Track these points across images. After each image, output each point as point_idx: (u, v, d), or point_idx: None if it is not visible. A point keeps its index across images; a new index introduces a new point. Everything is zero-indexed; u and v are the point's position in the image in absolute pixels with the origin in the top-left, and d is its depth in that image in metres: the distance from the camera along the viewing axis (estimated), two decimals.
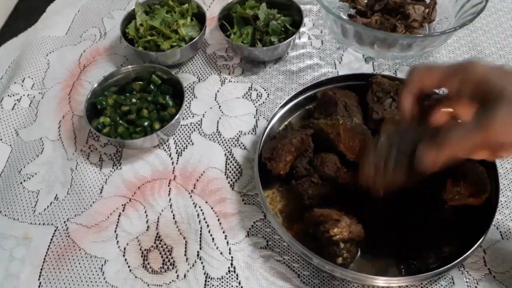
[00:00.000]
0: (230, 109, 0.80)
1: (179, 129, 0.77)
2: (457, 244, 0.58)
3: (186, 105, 0.81)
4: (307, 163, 0.66)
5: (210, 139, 0.76)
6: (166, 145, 0.75)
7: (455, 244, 0.58)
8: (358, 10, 0.89)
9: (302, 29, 0.88)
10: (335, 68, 0.84)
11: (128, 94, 0.78)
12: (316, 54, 0.87)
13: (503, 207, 0.67)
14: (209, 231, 0.65)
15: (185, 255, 0.64)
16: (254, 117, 0.79)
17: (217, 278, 0.61)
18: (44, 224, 0.68)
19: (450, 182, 0.60)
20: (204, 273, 0.62)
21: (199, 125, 0.78)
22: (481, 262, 0.61)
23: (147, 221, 0.67)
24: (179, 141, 0.76)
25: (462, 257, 0.55)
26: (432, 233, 0.59)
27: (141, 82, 0.79)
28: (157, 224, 0.67)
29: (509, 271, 0.61)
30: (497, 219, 0.65)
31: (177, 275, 0.62)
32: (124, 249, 0.65)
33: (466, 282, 0.60)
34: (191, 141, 0.76)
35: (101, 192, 0.71)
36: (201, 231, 0.65)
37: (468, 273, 0.61)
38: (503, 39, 0.88)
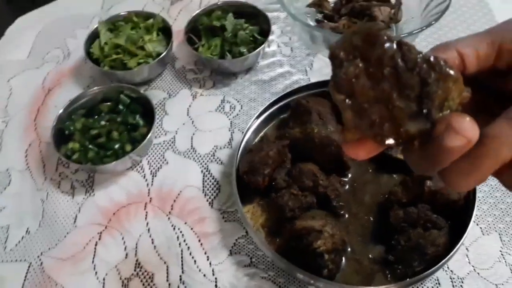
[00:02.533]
0: (203, 123, 0.78)
1: (152, 149, 0.75)
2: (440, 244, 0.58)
3: (157, 123, 0.79)
4: (285, 174, 0.65)
5: (185, 156, 0.74)
6: (140, 167, 0.73)
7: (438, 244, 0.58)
8: (325, 14, 0.88)
9: (270, 37, 0.88)
10: (306, 75, 0.84)
11: (96, 117, 0.75)
12: (287, 61, 0.86)
13: (481, 202, 0.67)
14: (190, 253, 0.63)
15: (167, 280, 0.62)
16: (229, 130, 0.77)
17: None
18: (16, 260, 0.65)
19: (428, 183, 0.60)
20: None
21: (172, 142, 0.76)
22: (465, 260, 0.62)
23: (125, 248, 0.65)
24: (152, 161, 0.74)
25: (446, 258, 0.55)
26: (415, 235, 0.59)
27: (109, 103, 0.77)
28: (136, 251, 0.64)
29: (492, 266, 0.61)
30: (476, 215, 0.66)
31: None
32: (104, 279, 0.62)
33: (452, 281, 0.60)
34: (165, 160, 0.74)
35: (75, 222, 0.68)
36: (182, 254, 0.64)
37: (452, 273, 0.61)
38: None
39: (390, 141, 0.28)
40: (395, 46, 0.27)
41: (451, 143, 0.25)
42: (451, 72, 0.27)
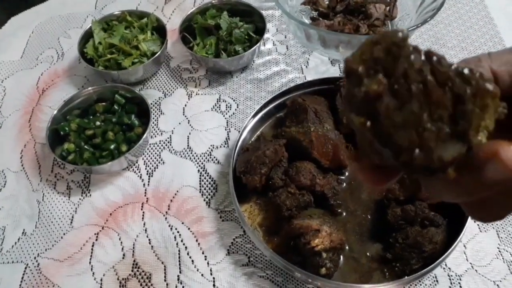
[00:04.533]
0: (199, 123, 0.78)
1: (148, 149, 0.75)
2: (438, 242, 0.58)
3: (153, 123, 0.78)
4: (282, 173, 0.65)
5: (181, 156, 0.74)
6: (136, 167, 0.73)
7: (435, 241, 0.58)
8: (320, 12, 0.88)
9: (266, 36, 0.87)
10: (302, 73, 0.84)
11: (91, 117, 0.75)
12: (282, 60, 0.86)
13: None
14: (187, 253, 0.63)
15: (165, 280, 0.61)
16: (225, 129, 0.77)
17: None
18: (13, 262, 0.64)
19: None
20: None
21: (168, 142, 0.76)
22: (463, 258, 0.62)
23: (122, 249, 0.64)
24: (148, 161, 0.74)
25: (444, 256, 0.55)
26: (412, 233, 0.59)
27: (104, 103, 0.76)
28: (133, 251, 0.64)
29: (490, 263, 0.61)
30: None
31: None
32: (101, 280, 0.62)
33: (449, 278, 0.60)
34: (161, 160, 0.74)
35: (71, 223, 0.67)
36: (179, 254, 0.63)
37: (450, 270, 0.61)
38: (464, 31, 0.89)
39: (419, 171, 0.23)
40: (423, 57, 0.24)
41: (494, 175, 0.22)
42: (489, 86, 0.23)
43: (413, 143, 0.23)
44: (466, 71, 0.23)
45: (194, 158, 0.74)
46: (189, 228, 0.66)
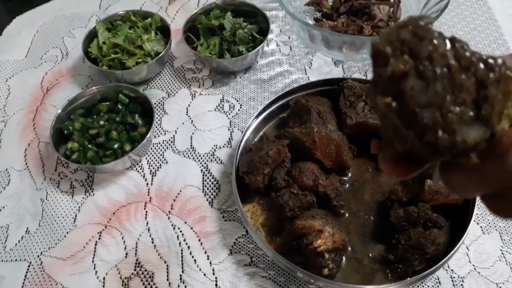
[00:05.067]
0: (203, 123, 0.78)
1: (151, 148, 0.75)
2: (441, 243, 0.58)
3: (157, 123, 0.78)
4: (285, 173, 0.65)
5: (184, 156, 0.74)
6: (139, 166, 0.73)
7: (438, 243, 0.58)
8: (324, 13, 0.88)
9: (269, 36, 0.87)
10: (306, 74, 0.84)
11: (95, 116, 0.75)
12: (286, 60, 0.86)
13: (481, 201, 0.67)
14: (190, 253, 0.63)
15: (167, 280, 0.61)
16: (229, 130, 0.77)
17: None
18: (16, 260, 0.65)
19: (428, 182, 0.60)
20: None
21: (172, 142, 0.76)
22: (465, 259, 0.62)
23: (125, 248, 0.65)
24: (152, 160, 0.74)
25: (447, 257, 0.55)
26: (415, 234, 0.59)
27: (108, 103, 0.76)
28: (136, 250, 0.64)
29: (493, 265, 0.61)
30: (477, 214, 0.66)
31: None
32: (104, 279, 0.62)
33: (452, 280, 0.60)
34: (164, 159, 0.74)
35: (74, 221, 0.68)
36: (182, 253, 0.63)
37: (453, 272, 0.61)
38: (468, 33, 0.89)
39: (443, 153, 0.23)
40: (448, 42, 0.24)
41: None
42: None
43: (438, 123, 0.23)
44: (489, 58, 0.24)
45: (197, 158, 0.74)
46: (191, 228, 0.66)
